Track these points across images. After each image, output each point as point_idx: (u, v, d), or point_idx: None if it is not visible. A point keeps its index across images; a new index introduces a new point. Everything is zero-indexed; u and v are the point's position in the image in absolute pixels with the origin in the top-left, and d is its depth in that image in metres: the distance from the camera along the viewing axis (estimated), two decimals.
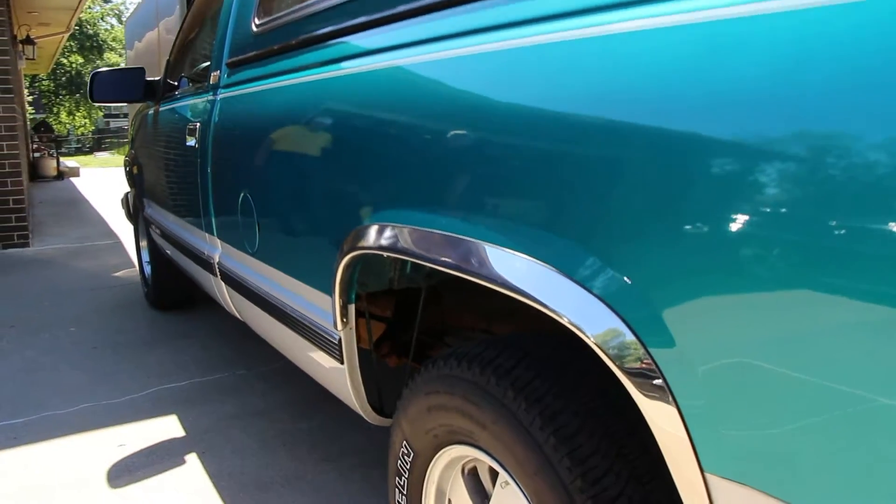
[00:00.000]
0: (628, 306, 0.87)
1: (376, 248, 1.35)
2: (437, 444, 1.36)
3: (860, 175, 0.63)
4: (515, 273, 1.03)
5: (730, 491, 0.78)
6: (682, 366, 0.81)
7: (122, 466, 2.46)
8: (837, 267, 0.64)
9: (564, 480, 1.03)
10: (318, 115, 1.68)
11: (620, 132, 0.88)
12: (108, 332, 3.96)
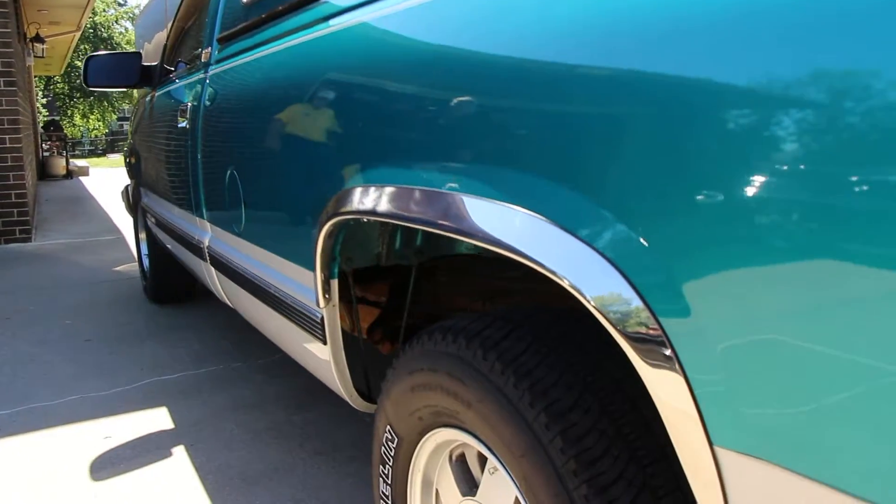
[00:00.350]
0: (637, 267, 0.74)
1: (356, 211, 1.24)
2: (422, 427, 1.25)
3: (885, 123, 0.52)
4: (506, 228, 0.92)
5: (742, 465, 0.66)
6: (695, 335, 0.69)
7: (105, 459, 2.36)
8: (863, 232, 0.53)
9: (556, 463, 0.92)
10: (295, 81, 1.58)
11: (624, 59, 0.77)
12: (103, 326, 3.86)
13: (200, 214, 2.46)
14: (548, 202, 0.85)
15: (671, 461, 0.91)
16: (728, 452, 0.67)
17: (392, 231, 1.54)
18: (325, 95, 1.44)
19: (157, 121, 3.25)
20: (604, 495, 0.88)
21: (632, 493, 0.88)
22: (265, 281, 1.84)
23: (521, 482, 0.98)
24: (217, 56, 2.35)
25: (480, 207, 0.95)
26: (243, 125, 1.91)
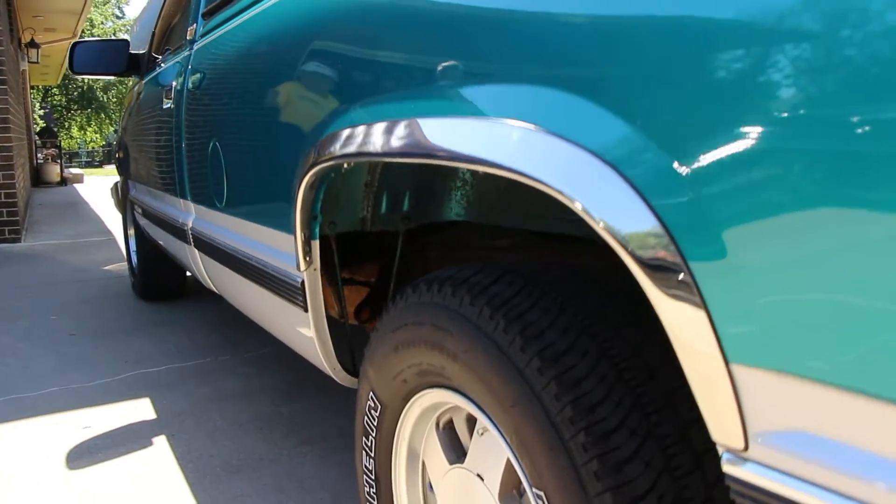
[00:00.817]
0: (655, 185, 0.65)
1: (338, 156, 1.15)
2: (407, 391, 1.15)
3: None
4: (502, 148, 0.82)
5: (759, 380, 0.57)
6: (712, 253, 0.60)
7: (83, 448, 2.26)
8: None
9: (550, 411, 0.83)
10: (274, 39, 1.53)
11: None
12: (89, 321, 3.77)
13: (184, 195, 2.37)
14: (550, 112, 0.77)
15: (677, 410, 0.82)
16: (745, 368, 0.58)
17: (377, 193, 1.46)
18: (303, 49, 1.36)
19: (144, 108, 3.17)
20: (604, 443, 0.78)
21: (636, 442, 0.79)
22: (246, 253, 1.76)
23: (513, 437, 0.89)
24: (202, 31, 2.27)
25: (473, 127, 0.87)
26: (225, 93, 1.83)
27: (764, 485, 0.58)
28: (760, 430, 0.59)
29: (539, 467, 0.84)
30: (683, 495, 0.78)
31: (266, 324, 1.92)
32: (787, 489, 0.57)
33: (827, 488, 0.54)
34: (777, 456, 0.58)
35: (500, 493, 1.01)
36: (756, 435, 0.59)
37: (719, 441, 0.63)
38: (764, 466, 0.59)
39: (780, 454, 0.57)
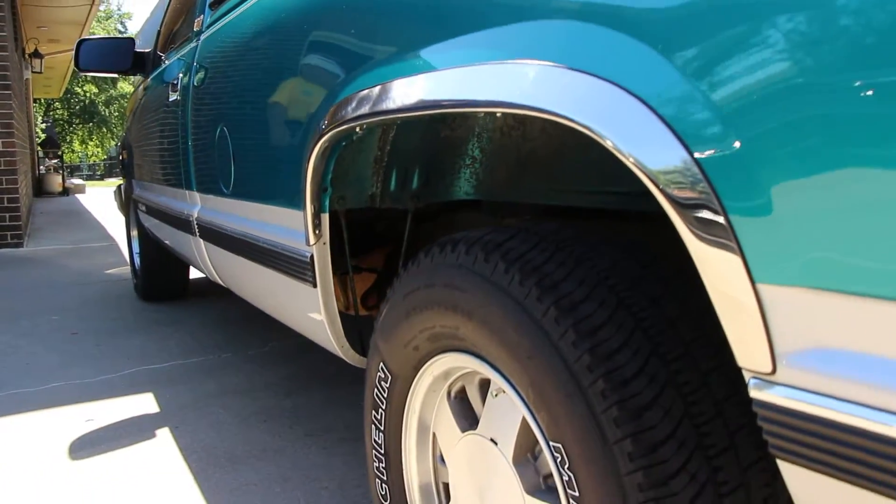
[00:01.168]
0: (691, 123, 0.64)
1: (350, 118, 1.15)
2: (418, 359, 1.14)
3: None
4: (516, 88, 0.82)
5: (786, 297, 0.56)
6: (740, 181, 0.59)
7: (86, 440, 2.25)
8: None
9: (568, 359, 0.81)
10: (285, 16, 1.50)
11: None
12: (91, 321, 3.75)
13: (190, 186, 2.37)
14: (570, 47, 0.76)
15: (696, 359, 0.81)
16: (771, 287, 0.57)
17: (386, 169, 1.45)
18: (312, 20, 1.36)
19: (149, 105, 3.18)
20: (623, 390, 0.77)
21: (655, 389, 0.78)
22: (254, 236, 1.75)
23: (529, 391, 0.88)
24: (209, 21, 2.28)
25: (490, 72, 0.86)
26: (234, 76, 1.83)
27: (792, 406, 0.57)
28: (787, 351, 0.58)
29: (557, 418, 0.83)
30: (705, 442, 0.77)
31: (273, 308, 1.91)
32: (816, 407, 0.56)
33: (855, 402, 0.53)
34: (804, 376, 0.57)
35: (515, 457, 0.99)
36: (783, 355, 0.58)
37: (746, 367, 0.62)
38: (791, 388, 0.58)
39: (807, 374, 0.56)
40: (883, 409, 0.51)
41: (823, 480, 0.57)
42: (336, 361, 2.98)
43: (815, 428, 0.56)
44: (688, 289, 0.88)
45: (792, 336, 0.57)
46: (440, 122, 1.38)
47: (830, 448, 0.55)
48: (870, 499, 0.54)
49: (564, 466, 0.83)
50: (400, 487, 1.26)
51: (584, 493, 0.81)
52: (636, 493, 0.75)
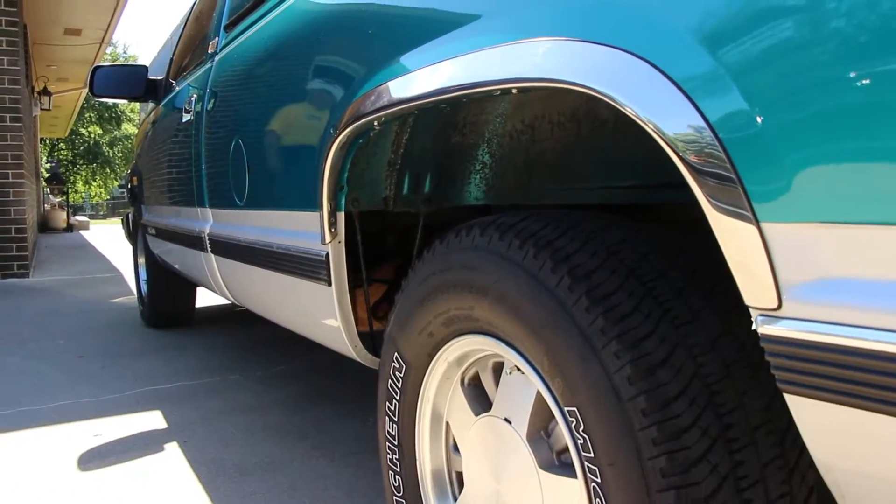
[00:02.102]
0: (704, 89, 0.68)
1: (370, 112, 1.20)
2: (433, 345, 1.17)
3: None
4: (535, 62, 0.86)
5: (790, 235, 0.60)
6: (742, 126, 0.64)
7: (94, 453, 2.26)
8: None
9: (581, 324, 0.85)
10: (297, 28, 1.59)
11: None
12: (97, 344, 3.78)
13: (202, 203, 2.41)
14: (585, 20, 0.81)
15: (706, 324, 0.85)
16: (775, 225, 0.61)
17: (400, 172, 1.49)
18: (327, 25, 1.42)
19: (161, 129, 3.24)
20: (636, 350, 0.81)
21: (666, 350, 0.81)
22: (267, 242, 1.79)
23: (544, 360, 0.91)
24: (223, 43, 2.35)
25: (504, 52, 0.91)
26: (249, 89, 1.89)
27: (797, 336, 0.61)
28: (791, 285, 0.61)
29: (572, 382, 0.86)
30: (715, 400, 0.79)
31: (285, 315, 1.94)
32: (820, 335, 0.59)
33: (858, 325, 0.56)
34: (807, 307, 0.60)
35: (529, 434, 1.02)
36: (787, 289, 0.61)
37: (754, 304, 0.65)
38: (796, 320, 0.61)
39: (810, 305, 0.60)
40: (885, 328, 0.54)
41: (830, 409, 0.60)
42: (344, 379, 3.01)
43: (820, 356, 0.59)
44: (695, 262, 0.92)
45: (794, 270, 0.61)
46: (451, 128, 1.43)
47: (836, 374, 0.59)
48: (874, 420, 0.57)
49: (579, 430, 0.86)
50: (413, 478, 1.28)
51: (598, 453, 0.83)
52: (650, 447, 0.78)
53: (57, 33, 9.88)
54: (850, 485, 0.63)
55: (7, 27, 6.03)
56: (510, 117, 1.39)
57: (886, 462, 0.59)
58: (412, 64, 1.11)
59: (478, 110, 1.39)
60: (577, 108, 1.30)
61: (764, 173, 0.62)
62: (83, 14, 9.12)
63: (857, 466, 0.62)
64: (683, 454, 0.77)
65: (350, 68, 1.34)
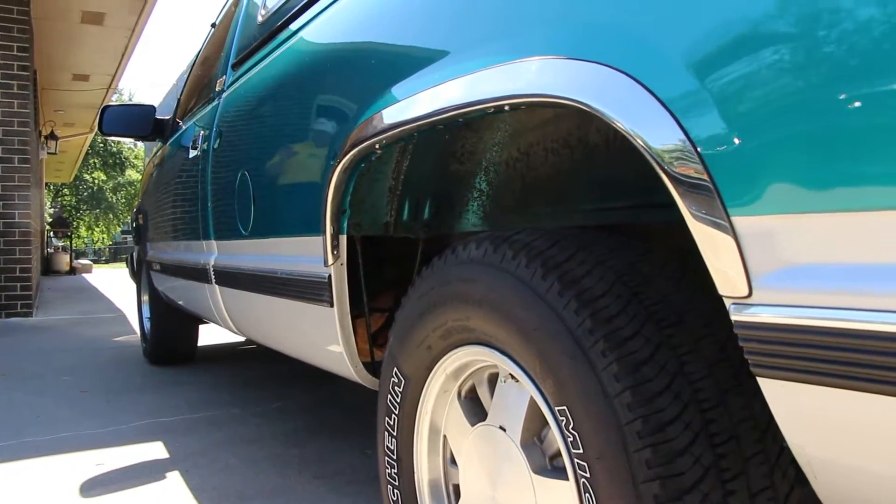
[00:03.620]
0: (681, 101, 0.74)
1: (372, 135, 1.26)
2: (431, 358, 1.22)
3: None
4: (526, 80, 0.92)
5: (758, 226, 0.66)
6: (711, 126, 0.70)
7: (96, 481, 2.28)
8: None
9: (571, 326, 0.90)
10: (304, 62, 1.66)
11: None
12: (100, 380, 3.80)
13: (207, 236, 2.47)
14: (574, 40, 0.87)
15: (690, 326, 0.89)
16: (744, 218, 0.67)
17: (400, 199, 1.55)
18: (336, 56, 1.49)
19: (167, 167, 3.32)
20: (622, 348, 0.85)
21: (650, 349, 0.86)
22: (271, 269, 1.84)
23: (535, 364, 0.95)
24: (230, 80, 2.43)
25: (500, 72, 0.97)
26: (256, 123, 1.96)
27: (767, 321, 0.66)
28: (760, 273, 0.66)
29: (561, 380, 0.90)
30: (698, 396, 0.84)
31: (288, 340, 1.98)
32: (788, 318, 0.64)
33: (819, 306, 0.61)
34: (776, 293, 0.65)
35: (523, 440, 1.06)
36: (757, 278, 0.66)
37: (727, 294, 0.70)
38: (766, 305, 0.66)
39: (778, 291, 0.65)
40: (849, 307, 0.59)
41: (799, 389, 0.65)
42: (344, 413, 3.03)
43: (788, 337, 0.64)
44: (679, 271, 0.97)
45: (762, 261, 0.66)
46: (450, 156, 1.49)
47: (803, 353, 0.63)
48: (840, 397, 0.62)
49: (569, 427, 0.90)
50: (411, 491, 1.31)
51: (587, 448, 0.87)
52: (636, 440, 0.82)
53: (65, 78, 10.08)
54: (821, 463, 0.67)
55: (19, 71, 6.18)
56: (506, 146, 1.46)
57: (852, 437, 0.63)
58: (410, 89, 1.18)
59: (475, 139, 1.45)
60: (569, 135, 1.36)
61: (736, 180, 0.68)
62: (91, 59, 9.32)
63: (825, 444, 0.66)
64: (667, 446, 0.81)
65: (352, 96, 1.41)
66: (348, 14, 1.53)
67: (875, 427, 0.61)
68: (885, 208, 0.57)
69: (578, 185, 1.43)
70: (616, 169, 1.33)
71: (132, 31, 8.51)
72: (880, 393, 0.58)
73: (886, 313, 0.56)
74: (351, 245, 1.53)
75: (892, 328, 0.56)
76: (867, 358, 0.58)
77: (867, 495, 0.66)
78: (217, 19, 3.20)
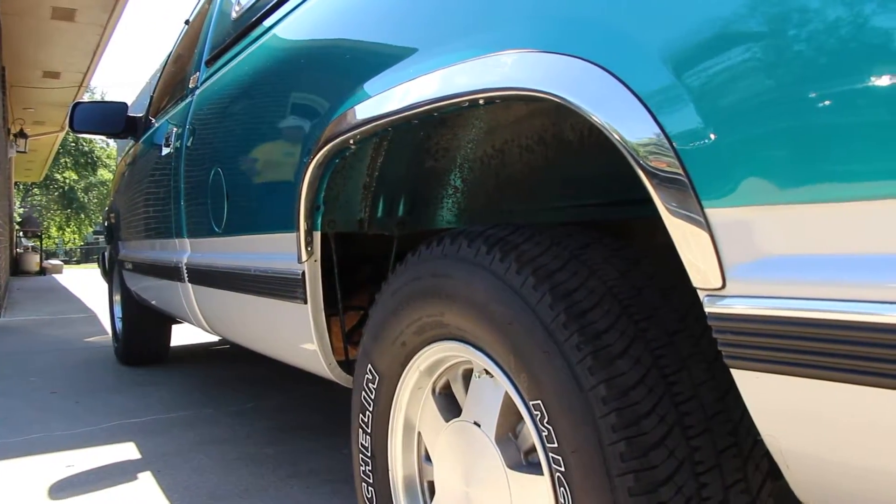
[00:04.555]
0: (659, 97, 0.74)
1: (345, 130, 1.25)
2: (405, 354, 1.21)
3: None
4: (502, 74, 0.92)
5: (731, 218, 0.66)
6: (687, 121, 0.70)
7: (67, 483, 2.25)
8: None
9: (545, 319, 0.90)
10: (277, 58, 1.65)
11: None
12: (70, 381, 3.76)
13: (180, 233, 2.45)
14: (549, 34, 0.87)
15: (664, 321, 0.90)
16: (717, 210, 0.67)
17: (374, 195, 1.54)
18: (304, 54, 1.48)
19: (139, 165, 3.28)
20: (596, 342, 0.85)
21: (625, 342, 0.86)
22: (245, 267, 1.82)
23: (510, 359, 0.95)
24: (204, 77, 2.40)
25: (474, 65, 0.97)
26: (229, 119, 1.94)
27: (739, 312, 0.66)
28: (733, 265, 0.66)
29: (536, 375, 0.90)
30: (672, 390, 0.84)
31: (262, 337, 1.96)
32: (761, 309, 0.64)
33: (793, 297, 0.62)
34: (749, 285, 0.66)
35: (497, 435, 1.06)
36: (731, 269, 0.67)
37: (701, 286, 0.70)
38: (739, 297, 0.66)
39: (751, 282, 0.65)
40: (821, 298, 0.60)
41: (771, 379, 0.65)
42: (317, 413, 3.01)
43: (760, 328, 0.64)
44: (653, 266, 0.97)
45: (737, 251, 0.66)
46: (425, 153, 1.49)
47: (778, 344, 0.64)
48: (811, 386, 0.62)
49: (543, 422, 0.90)
50: (385, 488, 1.30)
51: (562, 442, 0.87)
52: (610, 433, 0.82)
53: (35, 76, 9.94)
54: (793, 454, 0.68)
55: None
56: (481, 143, 1.45)
57: (824, 427, 0.64)
58: (385, 84, 1.17)
59: (450, 136, 1.44)
60: (544, 132, 1.36)
61: (709, 173, 0.68)
62: (63, 57, 9.19)
63: (798, 434, 0.66)
64: (642, 439, 0.81)
65: (327, 91, 1.40)
66: (323, 9, 1.52)
67: (847, 417, 0.61)
68: (856, 199, 0.57)
69: (552, 182, 1.43)
70: (590, 166, 1.34)
71: (104, 28, 8.41)
72: (852, 382, 0.58)
73: (858, 303, 0.57)
74: (325, 242, 1.52)
75: (864, 318, 0.57)
76: (839, 348, 0.59)
77: (839, 485, 0.66)
78: (191, 16, 3.17)
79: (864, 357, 0.57)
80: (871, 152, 0.56)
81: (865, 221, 0.57)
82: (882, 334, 0.56)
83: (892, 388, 0.56)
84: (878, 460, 0.61)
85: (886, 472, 0.61)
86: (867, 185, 0.57)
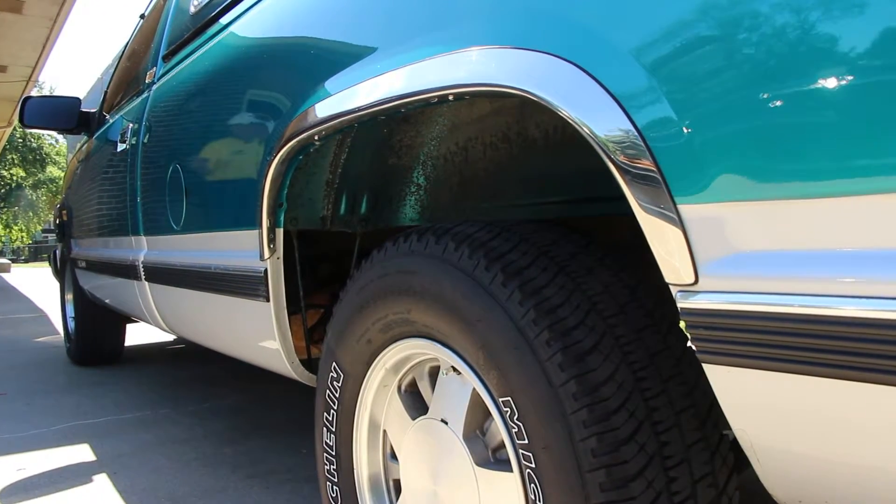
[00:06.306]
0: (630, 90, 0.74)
1: (309, 126, 1.24)
2: (371, 352, 1.20)
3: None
4: (467, 70, 0.92)
5: (703, 214, 0.67)
6: (661, 119, 0.70)
7: (18, 487, 2.19)
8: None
9: (514, 317, 0.89)
10: (237, 53, 1.63)
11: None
12: (20, 382, 3.66)
13: (136, 231, 2.40)
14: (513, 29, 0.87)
15: (631, 317, 0.90)
16: (690, 206, 0.68)
17: (337, 192, 1.53)
18: (265, 49, 1.46)
19: (94, 161, 3.21)
20: (566, 338, 0.85)
21: (594, 339, 0.86)
22: (205, 265, 1.79)
23: (479, 356, 0.95)
24: (161, 72, 2.36)
25: (441, 62, 0.96)
26: (188, 115, 1.91)
27: (712, 307, 0.67)
28: (706, 261, 0.67)
29: (505, 372, 0.90)
30: (641, 385, 0.85)
31: (222, 339, 1.93)
32: (733, 304, 0.65)
33: (764, 292, 0.62)
34: (721, 280, 0.66)
35: (465, 433, 1.05)
36: (703, 265, 0.67)
37: (673, 282, 0.71)
38: (711, 292, 0.67)
39: (723, 278, 0.66)
40: (793, 293, 0.61)
41: (745, 374, 0.66)
42: (277, 413, 2.98)
43: (732, 323, 0.65)
44: (622, 262, 0.98)
45: (709, 247, 0.66)
46: (388, 150, 1.48)
47: (750, 339, 0.64)
48: (786, 381, 0.63)
49: (514, 418, 0.90)
50: (350, 487, 1.29)
51: (532, 439, 0.87)
52: (581, 429, 0.82)
53: None
54: (763, 447, 0.69)
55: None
56: (444, 140, 1.45)
57: (795, 421, 0.65)
58: (351, 79, 1.16)
59: (413, 133, 1.44)
60: (508, 129, 1.36)
61: (682, 168, 0.69)
62: (9, 49, 8.95)
63: (768, 428, 0.67)
64: (612, 434, 0.82)
65: (291, 86, 1.38)
66: (287, 3, 1.50)
67: (817, 410, 0.62)
68: (826, 196, 0.58)
69: (516, 180, 1.43)
70: (554, 163, 1.34)
71: (54, 21, 8.20)
72: (823, 376, 0.59)
73: (829, 298, 0.58)
74: (287, 240, 1.50)
75: (834, 312, 0.58)
76: (811, 342, 0.60)
77: (809, 478, 0.67)
78: (146, 10, 3.11)
79: (835, 351, 0.58)
80: (840, 150, 0.57)
81: (836, 218, 0.57)
82: (852, 328, 0.57)
83: (862, 381, 0.57)
84: (847, 453, 0.62)
85: (855, 465, 0.62)
86: (837, 182, 0.58)
